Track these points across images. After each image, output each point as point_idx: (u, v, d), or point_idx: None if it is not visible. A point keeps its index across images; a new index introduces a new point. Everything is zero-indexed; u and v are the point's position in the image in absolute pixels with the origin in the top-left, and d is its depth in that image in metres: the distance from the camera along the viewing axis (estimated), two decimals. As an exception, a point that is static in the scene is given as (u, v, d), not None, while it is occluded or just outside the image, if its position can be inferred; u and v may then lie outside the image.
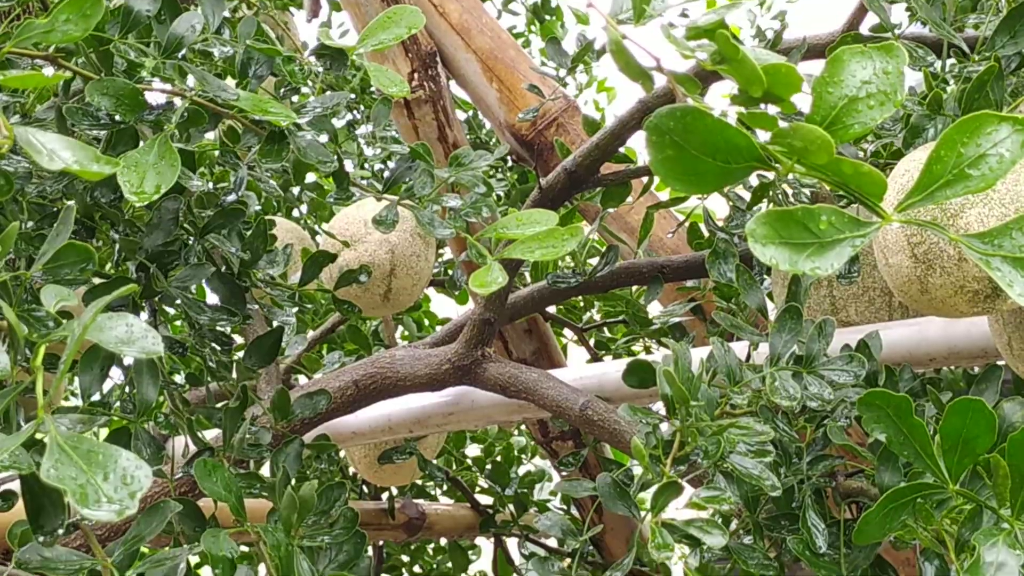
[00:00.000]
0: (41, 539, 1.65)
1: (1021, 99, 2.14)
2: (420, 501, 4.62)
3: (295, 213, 4.29)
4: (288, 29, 4.97)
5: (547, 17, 6.24)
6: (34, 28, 1.40)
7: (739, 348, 2.35)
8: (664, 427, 2.00)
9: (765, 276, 2.81)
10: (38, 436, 1.28)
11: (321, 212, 4.18)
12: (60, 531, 1.63)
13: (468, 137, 4.41)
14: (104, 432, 2.45)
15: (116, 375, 2.47)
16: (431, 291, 4.82)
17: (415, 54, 3.75)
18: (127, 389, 2.19)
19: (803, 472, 2.09)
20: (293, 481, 2.10)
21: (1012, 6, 2.19)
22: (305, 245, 3.36)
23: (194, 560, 2.69)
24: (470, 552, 5.35)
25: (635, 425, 2.08)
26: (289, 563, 1.93)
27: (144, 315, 2.15)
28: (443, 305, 5.41)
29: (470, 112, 4.90)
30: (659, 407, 2.10)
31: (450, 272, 4.17)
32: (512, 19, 6.21)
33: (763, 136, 1.28)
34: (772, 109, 1.62)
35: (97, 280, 2.07)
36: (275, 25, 4.69)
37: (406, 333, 4.88)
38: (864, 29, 2.85)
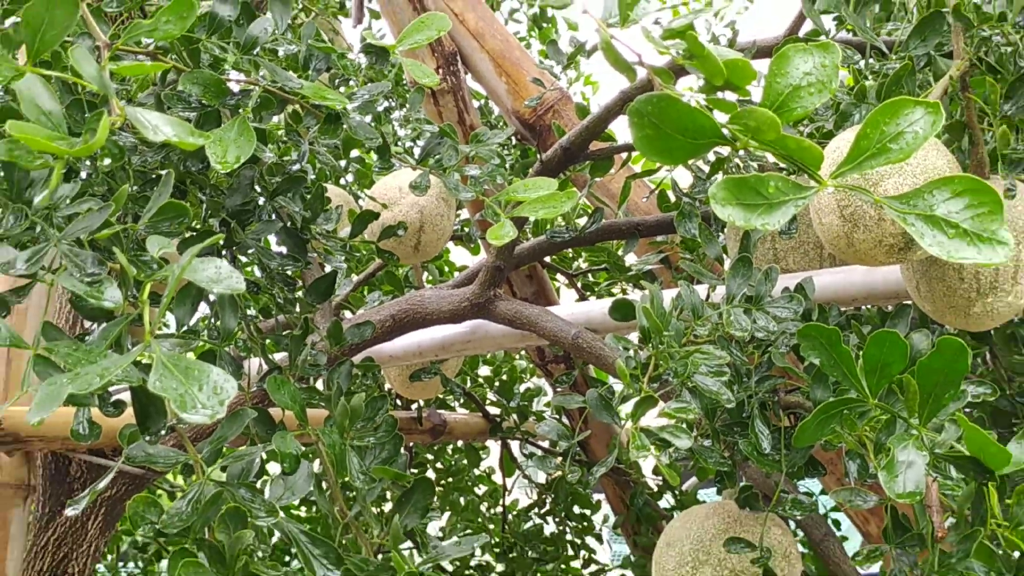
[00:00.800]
0: (147, 439, 1.66)
1: (929, 90, 2.14)
2: (442, 411, 4.64)
3: (341, 181, 4.29)
4: (337, 33, 4.96)
5: (544, 24, 6.26)
6: (141, 27, 1.41)
7: (700, 290, 2.35)
8: (640, 351, 2.02)
9: (720, 233, 2.82)
10: (140, 358, 1.29)
11: (363, 181, 4.18)
12: (163, 432, 1.64)
13: (482, 119, 4.41)
14: (191, 356, 2.46)
15: (201, 309, 2.49)
16: (450, 244, 4.82)
17: (440, 54, 3.76)
18: (212, 320, 2.20)
19: (752, 389, 2.11)
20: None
21: (923, 15, 2.18)
22: (351, 207, 3.36)
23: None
24: (481, 452, 5.38)
25: (617, 351, 2.08)
26: (342, 459, 1.94)
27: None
28: (460, 256, 5.43)
29: (481, 101, 4.90)
30: (633, 338, 2.11)
31: (466, 229, 4.18)
32: (516, 26, 6.24)
33: (722, 118, 1.29)
34: (730, 97, 1.61)
35: (187, 234, 2.08)
36: (327, 29, 4.68)
37: (430, 278, 4.90)
38: (800, 35, 2.85)
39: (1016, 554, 1.71)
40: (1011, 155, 2.21)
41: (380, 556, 1.91)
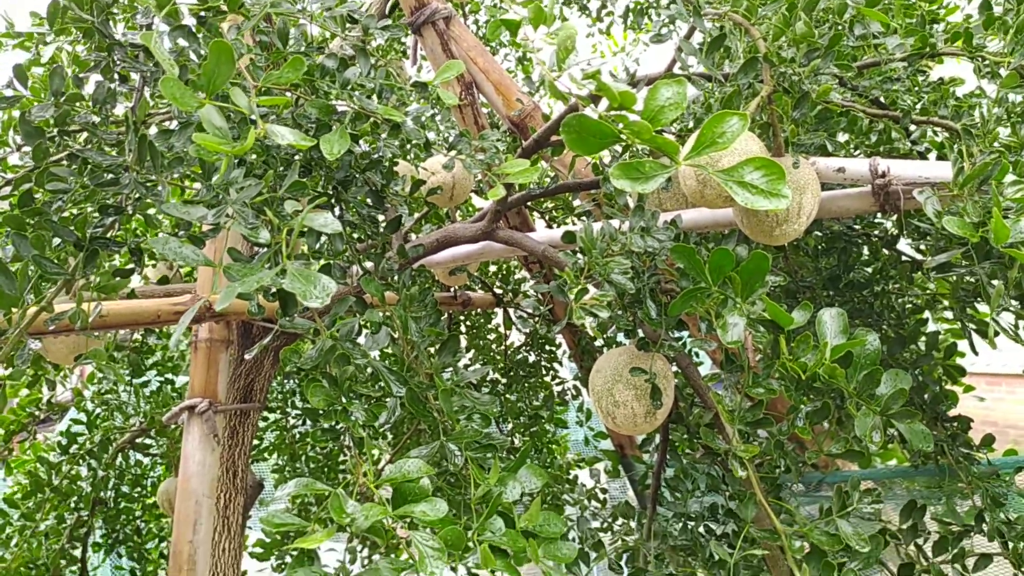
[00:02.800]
0: (287, 317, 1.65)
1: (750, 103, 2.09)
2: (468, 291, 4.63)
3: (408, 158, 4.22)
4: (401, 69, 4.85)
5: (525, 63, 6.14)
6: (272, 76, 1.37)
7: (615, 223, 2.33)
8: (580, 259, 2.00)
9: (628, 188, 2.77)
10: (281, 270, 1.27)
11: (417, 160, 4.12)
12: (296, 313, 1.63)
13: (488, 121, 4.33)
14: (312, 269, 2.45)
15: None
16: (472, 195, 4.77)
17: (462, 82, 3.67)
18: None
19: (644, 281, 2.09)
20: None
21: (746, 59, 2.13)
22: (412, 174, 3.32)
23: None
24: (491, 315, 5.38)
25: (568, 259, 2.06)
26: (406, 324, 1.94)
27: (336, 211, 2.13)
28: (479, 202, 5.37)
29: (488, 109, 4.80)
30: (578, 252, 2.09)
31: (481, 187, 4.13)
32: (508, 63, 6.12)
33: (620, 125, 1.26)
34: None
35: (312, 195, 2.04)
36: (395, 68, 4.57)
37: (461, 214, 4.85)
38: (676, 69, 2.77)
39: (797, 376, 1.71)
40: (797, 142, 2.17)
41: (429, 379, 1.92)
